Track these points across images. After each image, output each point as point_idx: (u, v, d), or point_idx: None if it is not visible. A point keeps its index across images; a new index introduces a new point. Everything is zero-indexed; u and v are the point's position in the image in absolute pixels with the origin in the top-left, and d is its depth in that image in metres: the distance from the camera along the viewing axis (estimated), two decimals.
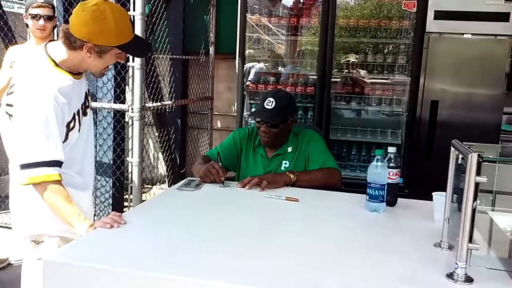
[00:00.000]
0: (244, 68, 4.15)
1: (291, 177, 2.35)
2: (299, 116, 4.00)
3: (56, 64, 1.80)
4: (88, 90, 2.00)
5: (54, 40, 1.90)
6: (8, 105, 1.86)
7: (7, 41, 4.41)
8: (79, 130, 1.89)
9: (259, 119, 2.51)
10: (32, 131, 1.71)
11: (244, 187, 2.27)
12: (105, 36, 1.74)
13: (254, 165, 2.61)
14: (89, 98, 2.01)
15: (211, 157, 2.55)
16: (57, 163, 1.73)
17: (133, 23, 1.88)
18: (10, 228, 4.14)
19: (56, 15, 3.12)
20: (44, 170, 1.70)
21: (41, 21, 3.04)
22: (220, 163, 2.43)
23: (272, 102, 2.46)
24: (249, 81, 4.18)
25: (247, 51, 4.13)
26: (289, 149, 2.57)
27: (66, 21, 2.11)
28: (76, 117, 1.86)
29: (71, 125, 1.83)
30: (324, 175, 2.43)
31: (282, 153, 2.57)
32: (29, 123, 1.71)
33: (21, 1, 8.03)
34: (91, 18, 1.71)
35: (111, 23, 1.73)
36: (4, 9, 4.65)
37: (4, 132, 1.91)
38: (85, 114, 1.94)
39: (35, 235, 1.88)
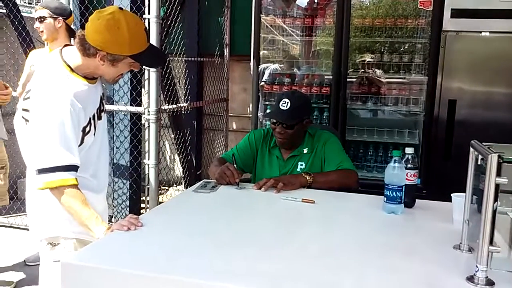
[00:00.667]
0: (259, 69, 4.14)
1: (307, 178, 2.34)
2: (314, 117, 3.98)
3: (72, 70, 1.82)
4: (103, 93, 2.02)
5: (70, 44, 1.92)
6: (24, 110, 1.88)
7: (25, 45, 4.49)
8: (94, 134, 1.91)
9: (274, 120, 2.50)
10: (48, 136, 1.73)
11: (260, 188, 2.27)
12: (118, 46, 1.76)
13: (270, 166, 2.61)
14: (104, 101, 2.02)
15: (226, 159, 2.55)
16: (74, 168, 1.75)
17: (148, 33, 1.88)
18: (28, 229, 4.20)
19: (56, 16, 3.13)
20: (61, 174, 1.72)
21: (36, 23, 3.15)
22: (235, 165, 2.43)
23: (287, 103, 2.44)
24: (263, 81, 4.18)
25: (261, 52, 4.13)
26: (305, 150, 2.56)
27: (82, 26, 2.14)
28: (92, 121, 1.88)
29: (87, 129, 1.85)
30: (341, 176, 2.41)
31: (298, 154, 2.56)
32: (46, 128, 1.73)
33: None
34: (106, 27, 1.73)
35: (125, 33, 1.74)
36: (23, 14, 4.72)
37: (20, 136, 1.94)
38: (100, 118, 1.96)
39: (51, 237, 1.91)
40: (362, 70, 4.07)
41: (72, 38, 3.24)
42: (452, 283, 1.34)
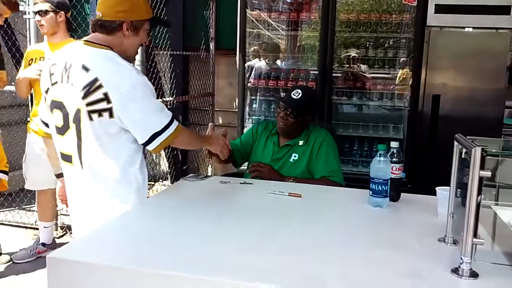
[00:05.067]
0: (245, 66, 4.12)
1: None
2: None
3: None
4: None
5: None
6: (88, 104, 1.78)
7: (6, 38, 4.40)
8: None
9: (282, 104, 2.60)
10: (149, 104, 1.82)
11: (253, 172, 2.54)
12: (138, 10, 1.87)
13: (263, 150, 2.70)
14: None
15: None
16: (173, 117, 1.87)
17: None
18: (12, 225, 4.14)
19: (58, 10, 3.10)
20: (169, 130, 1.83)
21: (37, 17, 3.11)
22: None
23: (299, 93, 2.57)
24: (249, 82, 4.17)
25: (247, 46, 4.11)
26: (300, 143, 2.62)
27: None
28: None
29: None
30: None
31: (293, 144, 2.63)
32: (144, 98, 1.80)
33: None
34: None
35: None
36: None
37: (87, 135, 1.84)
38: None
39: None
40: (348, 65, 4.09)
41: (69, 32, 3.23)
42: (437, 275, 1.36)
